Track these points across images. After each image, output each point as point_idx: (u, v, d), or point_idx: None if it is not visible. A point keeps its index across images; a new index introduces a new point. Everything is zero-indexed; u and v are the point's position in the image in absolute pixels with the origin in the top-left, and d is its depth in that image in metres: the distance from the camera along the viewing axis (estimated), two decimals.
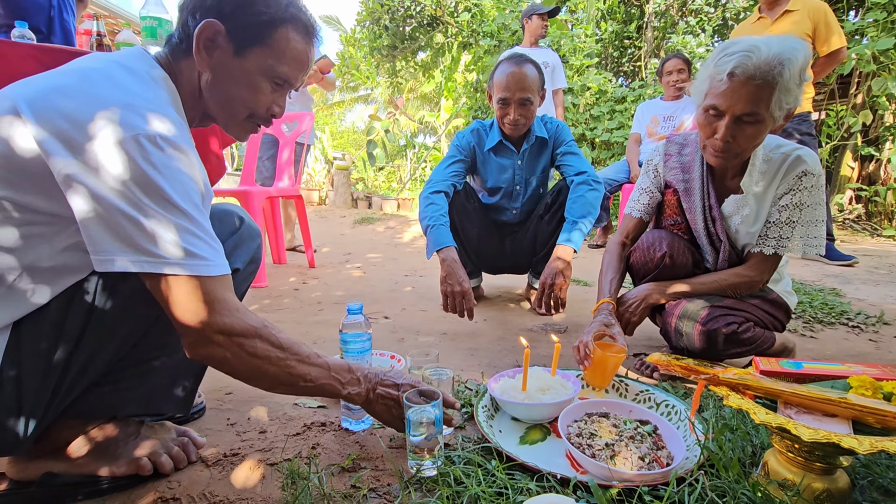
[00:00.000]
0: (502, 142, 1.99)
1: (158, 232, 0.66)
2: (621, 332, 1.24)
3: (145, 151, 0.65)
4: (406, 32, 9.06)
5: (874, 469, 0.82)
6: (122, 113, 0.66)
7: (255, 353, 0.75)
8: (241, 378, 0.78)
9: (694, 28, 6.29)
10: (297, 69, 0.88)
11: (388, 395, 0.90)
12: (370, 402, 0.90)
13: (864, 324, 1.97)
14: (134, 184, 0.65)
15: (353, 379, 0.89)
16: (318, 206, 7.83)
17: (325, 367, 0.85)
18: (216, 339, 0.72)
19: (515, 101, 1.84)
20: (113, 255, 0.65)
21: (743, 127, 1.17)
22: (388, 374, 0.94)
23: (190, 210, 0.69)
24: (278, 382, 0.80)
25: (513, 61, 1.84)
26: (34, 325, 0.71)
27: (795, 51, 1.10)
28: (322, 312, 2.06)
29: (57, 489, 0.80)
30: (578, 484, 0.80)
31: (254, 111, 0.88)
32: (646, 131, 3.65)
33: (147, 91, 0.74)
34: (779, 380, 0.84)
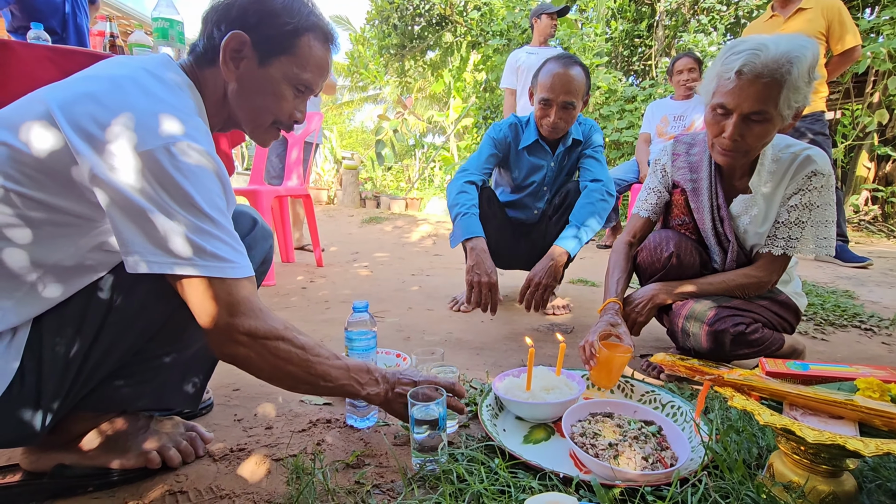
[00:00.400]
0: (538, 141, 1.94)
1: (186, 235, 0.68)
2: (627, 332, 1.24)
3: (174, 158, 0.67)
4: (415, 31, 9.07)
5: (882, 472, 0.81)
6: (151, 120, 0.69)
7: (278, 354, 0.77)
8: (263, 377, 0.79)
9: (706, 26, 6.22)
10: (318, 75, 0.91)
11: (406, 394, 0.92)
12: (388, 401, 0.92)
13: (876, 326, 1.94)
14: (163, 189, 0.67)
15: (371, 380, 0.90)
16: (326, 206, 7.87)
17: (344, 368, 0.86)
18: (241, 340, 0.73)
19: (558, 103, 1.78)
20: (144, 258, 0.67)
21: (751, 125, 1.16)
22: (405, 372, 0.95)
23: (215, 214, 0.71)
24: (300, 382, 0.81)
25: (560, 62, 1.77)
26: (55, 320, 0.73)
27: (804, 49, 1.09)
28: (329, 311, 2.08)
29: (69, 480, 0.82)
30: (581, 483, 0.80)
31: (278, 118, 0.91)
32: (656, 131, 3.62)
33: (175, 99, 0.76)
34: (785, 381, 0.84)
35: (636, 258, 1.49)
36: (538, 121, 1.89)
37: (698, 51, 5.75)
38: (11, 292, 0.70)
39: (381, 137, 8.86)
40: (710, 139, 1.26)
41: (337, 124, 13.63)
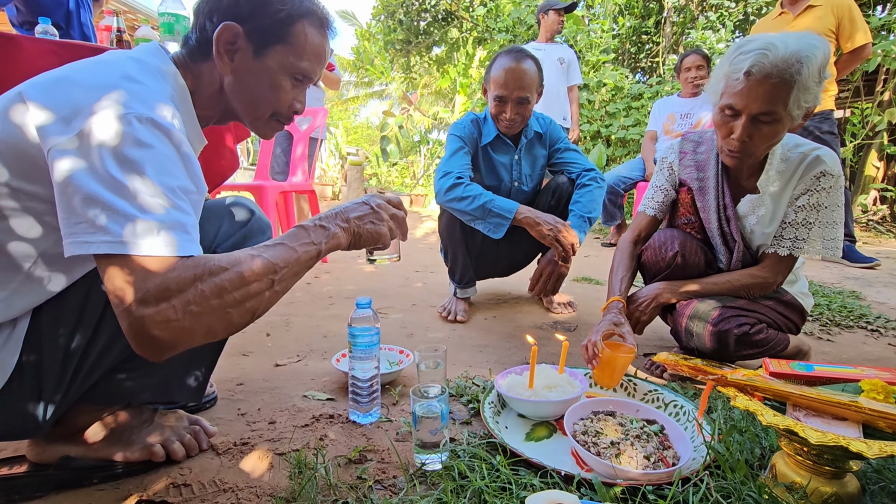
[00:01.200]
0: (500, 136, 1.89)
1: (115, 210, 0.60)
2: (631, 332, 1.23)
3: (132, 128, 0.64)
4: (421, 27, 9.05)
5: (885, 474, 0.81)
6: (116, 94, 0.66)
7: (203, 294, 0.63)
8: (217, 332, 0.66)
9: (714, 23, 6.17)
10: (316, 63, 0.88)
11: (364, 213, 0.86)
12: (353, 231, 0.84)
13: (883, 327, 1.92)
14: (109, 158, 0.62)
15: (315, 232, 0.78)
16: (331, 201, 7.89)
17: (285, 248, 0.73)
18: (152, 310, 0.59)
19: (513, 99, 1.75)
20: (68, 238, 0.61)
21: (760, 126, 1.14)
22: (347, 204, 0.87)
23: (161, 187, 0.64)
24: (256, 298, 0.68)
25: (511, 56, 1.74)
26: (53, 312, 0.73)
27: (814, 48, 1.08)
28: (333, 306, 2.08)
29: (74, 472, 0.83)
30: (582, 481, 0.81)
31: (277, 110, 0.88)
32: (662, 128, 3.60)
33: (151, 81, 0.74)
34: (789, 382, 0.83)
35: (641, 257, 1.48)
36: (494, 118, 1.84)
37: (706, 48, 5.70)
38: (6, 283, 0.70)
39: (387, 133, 8.86)
40: (718, 140, 1.25)
41: (342, 120, 13.63)
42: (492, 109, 1.83)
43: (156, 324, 0.59)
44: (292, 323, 1.85)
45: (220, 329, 0.66)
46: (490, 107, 1.84)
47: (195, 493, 0.82)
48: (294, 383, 1.28)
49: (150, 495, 0.80)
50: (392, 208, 0.91)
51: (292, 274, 0.74)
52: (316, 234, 0.78)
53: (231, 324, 0.67)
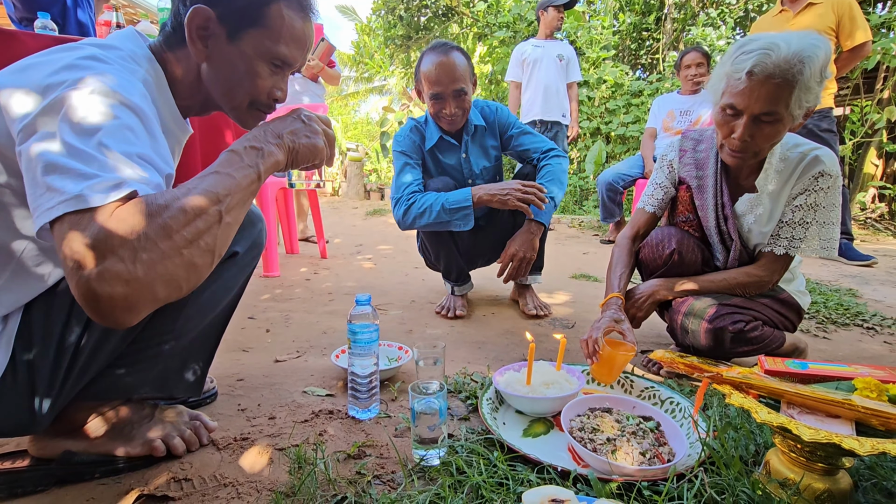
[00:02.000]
0: (443, 137, 1.85)
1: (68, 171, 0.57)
2: (631, 329, 1.24)
3: (95, 102, 0.62)
4: (421, 22, 9.02)
5: (878, 471, 0.82)
6: (82, 73, 0.65)
7: (149, 237, 0.57)
8: (180, 280, 0.61)
9: (714, 20, 6.16)
10: (295, 48, 0.83)
11: (296, 127, 0.80)
12: (288, 147, 0.78)
13: (879, 325, 1.94)
14: (68, 130, 0.59)
15: (249, 153, 0.73)
16: (330, 198, 7.89)
17: (215, 174, 0.68)
18: (94, 272, 0.54)
19: (449, 94, 1.70)
20: (34, 214, 0.58)
21: (761, 126, 1.15)
22: (272, 122, 0.80)
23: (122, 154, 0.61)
24: (204, 234, 0.63)
25: (438, 51, 1.69)
26: (44, 307, 0.73)
27: (816, 48, 1.08)
28: (333, 303, 2.09)
29: (76, 466, 0.84)
30: (579, 477, 0.81)
31: (255, 98, 0.84)
32: (661, 126, 3.60)
33: (120, 63, 0.72)
34: (783, 380, 0.84)
35: (638, 253, 1.49)
36: (435, 117, 1.80)
37: (707, 45, 5.69)
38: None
39: (386, 129, 8.84)
40: (718, 139, 1.25)
41: (342, 115, 13.59)
42: (431, 109, 1.79)
43: (106, 281, 0.54)
44: (292, 319, 1.86)
45: (181, 275, 0.60)
46: (428, 107, 1.79)
47: (196, 488, 0.83)
48: (294, 379, 1.28)
49: (152, 490, 0.81)
50: (322, 124, 0.84)
51: (238, 202, 0.68)
52: (250, 156, 0.72)
53: (192, 266, 0.61)
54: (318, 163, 0.83)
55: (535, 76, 3.84)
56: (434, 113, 1.79)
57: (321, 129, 0.83)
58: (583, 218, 5.21)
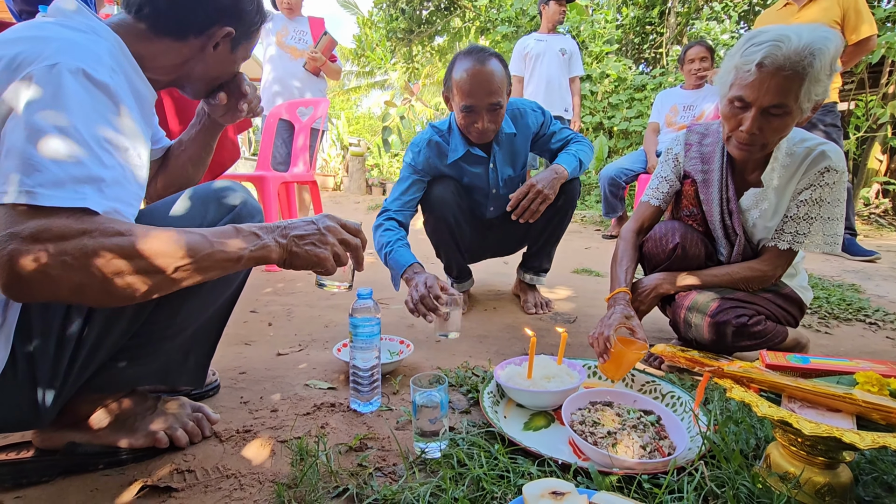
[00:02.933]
0: (470, 151, 1.71)
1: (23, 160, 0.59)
2: (641, 325, 1.22)
3: (62, 80, 0.63)
4: (423, 16, 8.98)
5: (878, 465, 0.82)
6: (47, 49, 0.66)
7: (84, 250, 0.59)
8: (86, 296, 0.62)
9: (718, 14, 6.11)
10: None
11: (308, 233, 0.79)
12: (287, 248, 0.77)
13: (881, 321, 1.93)
14: (33, 111, 0.61)
15: (245, 237, 0.73)
16: (332, 192, 7.89)
17: (199, 236, 0.68)
18: (23, 250, 0.57)
19: (484, 107, 1.55)
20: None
21: (770, 119, 1.14)
22: (291, 221, 0.81)
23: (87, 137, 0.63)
24: (146, 275, 0.63)
25: (474, 58, 1.52)
26: (43, 303, 0.73)
27: (827, 40, 1.07)
28: (334, 297, 2.09)
29: (80, 458, 0.85)
30: (579, 470, 0.82)
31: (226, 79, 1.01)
32: (664, 120, 3.58)
33: (83, 37, 0.73)
34: (785, 374, 0.84)
35: (642, 247, 1.49)
36: (464, 129, 1.64)
37: (710, 39, 5.66)
38: None
39: (388, 124, 8.83)
40: (726, 132, 1.25)
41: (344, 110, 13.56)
42: (460, 121, 1.62)
43: (24, 260, 0.57)
44: (294, 313, 1.86)
45: (91, 293, 0.62)
46: (457, 118, 1.63)
47: (199, 479, 0.83)
48: (296, 372, 1.29)
49: (155, 481, 0.82)
50: (344, 233, 0.85)
51: (200, 268, 0.68)
52: (245, 239, 0.73)
53: (106, 292, 0.62)
54: (320, 271, 0.83)
55: (538, 70, 3.82)
56: (464, 126, 1.63)
57: (333, 242, 0.82)
58: (585, 213, 5.20)
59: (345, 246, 0.83)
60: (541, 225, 1.82)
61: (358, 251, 0.86)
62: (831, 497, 0.72)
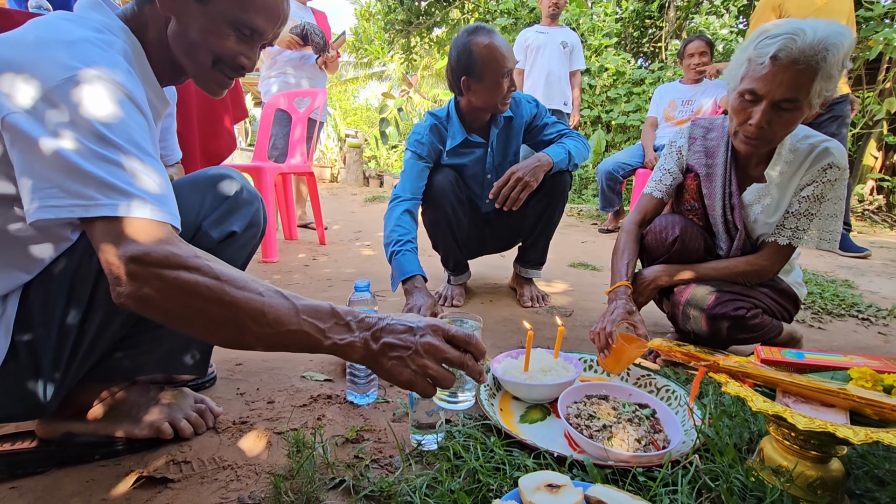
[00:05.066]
0: (468, 138, 1.78)
1: (79, 172, 0.60)
2: (643, 321, 1.23)
3: (78, 87, 0.63)
4: (421, 7, 8.90)
5: (870, 460, 0.83)
6: (56, 53, 0.64)
7: (180, 285, 0.60)
8: (173, 321, 0.63)
9: (718, 8, 6.09)
10: (266, 19, 0.82)
11: (402, 344, 0.66)
12: (374, 354, 0.66)
13: (874, 316, 1.95)
14: (63, 126, 0.61)
15: (337, 325, 0.67)
16: (329, 184, 7.86)
17: (290, 307, 0.65)
18: (131, 272, 0.59)
19: (510, 73, 1.65)
20: (34, 203, 0.60)
21: (780, 113, 1.14)
22: (399, 317, 0.70)
23: (125, 145, 0.64)
24: (220, 325, 0.63)
25: (486, 34, 1.62)
26: (43, 290, 0.73)
27: (842, 36, 1.06)
28: (332, 289, 2.09)
29: (75, 448, 0.85)
30: (574, 462, 0.82)
31: (219, 56, 0.82)
32: (663, 115, 3.58)
33: (93, 34, 0.71)
34: (779, 369, 0.85)
35: (643, 239, 1.49)
36: (498, 102, 1.68)
37: (710, 33, 5.63)
38: None
39: (386, 116, 8.78)
40: (733, 126, 1.24)
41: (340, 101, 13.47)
42: (495, 94, 1.66)
43: (137, 300, 0.60)
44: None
45: (171, 318, 0.63)
46: (490, 93, 1.66)
47: (195, 470, 0.83)
48: (292, 364, 1.29)
49: (151, 472, 0.82)
50: (448, 351, 0.68)
51: (275, 343, 0.65)
52: (335, 329, 0.67)
53: (183, 321, 0.63)
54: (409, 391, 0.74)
55: (538, 63, 3.80)
56: (500, 96, 1.66)
57: (426, 364, 0.66)
58: (582, 207, 5.20)
59: (449, 363, 0.68)
60: (532, 219, 1.85)
61: (467, 367, 0.69)
62: (823, 491, 0.73)
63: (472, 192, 1.92)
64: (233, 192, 0.91)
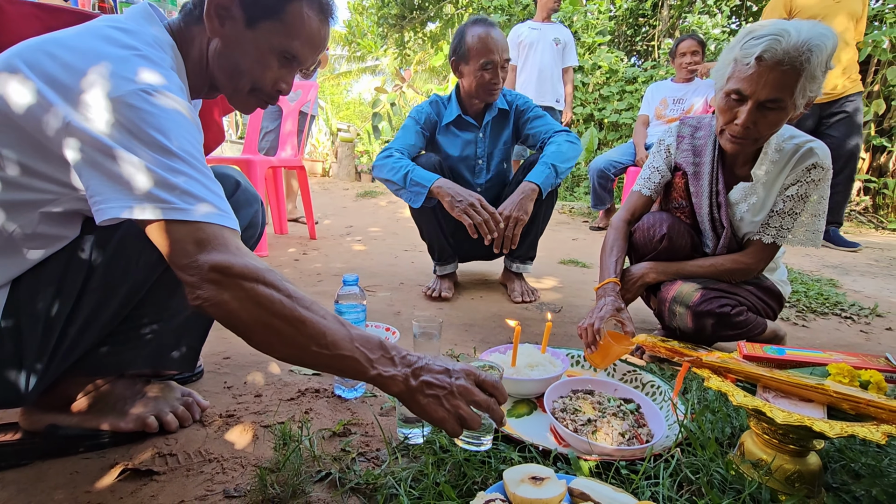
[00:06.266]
0: (461, 116, 1.91)
1: (155, 178, 0.63)
2: (630, 318, 1.25)
3: (147, 103, 0.65)
4: (415, 2, 8.85)
5: (847, 453, 0.85)
6: (124, 67, 0.66)
7: (258, 299, 0.64)
8: (241, 331, 0.66)
9: (711, 8, 6.12)
10: (308, 48, 0.86)
11: (438, 384, 0.69)
12: (412, 390, 0.69)
13: (856, 315, 1.98)
14: (135, 135, 0.64)
15: (384, 357, 0.70)
16: (321, 178, 7.81)
17: (346, 335, 0.69)
18: (212, 279, 0.63)
19: (500, 63, 1.77)
20: (108, 203, 0.63)
21: (765, 113, 1.15)
22: (435, 359, 0.75)
23: (191, 159, 0.67)
24: (286, 342, 0.66)
25: (485, 24, 1.77)
26: (33, 281, 0.73)
27: (825, 37, 1.08)
28: (321, 283, 2.09)
29: (59, 441, 0.84)
30: (559, 456, 0.83)
31: (258, 85, 0.86)
32: (654, 113, 3.60)
33: (148, 49, 0.73)
34: (761, 365, 0.86)
35: (631, 236, 1.50)
36: (480, 88, 1.82)
37: (702, 33, 5.67)
38: None
39: (378, 110, 8.73)
40: (719, 125, 1.26)
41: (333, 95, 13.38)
42: (479, 79, 1.80)
43: (214, 305, 0.64)
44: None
45: (237, 325, 0.66)
46: (474, 78, 1.80)
47: (181, 463, 0.83)
48: None
49: (136, 464, 0.82)
50: (477, 395, 0.71)
51: (327, 364, 0.68)
52: (381, 361, 0.70)
53: (246, 330, 0.66)
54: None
55: (531, 59, 3.80)
56: (483, 84, 1.80)
57: (459, 405, 0.69)
58: (573, 204, 5.23)
59: (476, 406, 0.72)
60: None
61: (492, 411, 0.73)
62: (800, 484, 0.75)
63: (463, 176, 1.98)
64: (233, 192, 0.92)
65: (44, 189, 0.70)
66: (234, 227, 0.69)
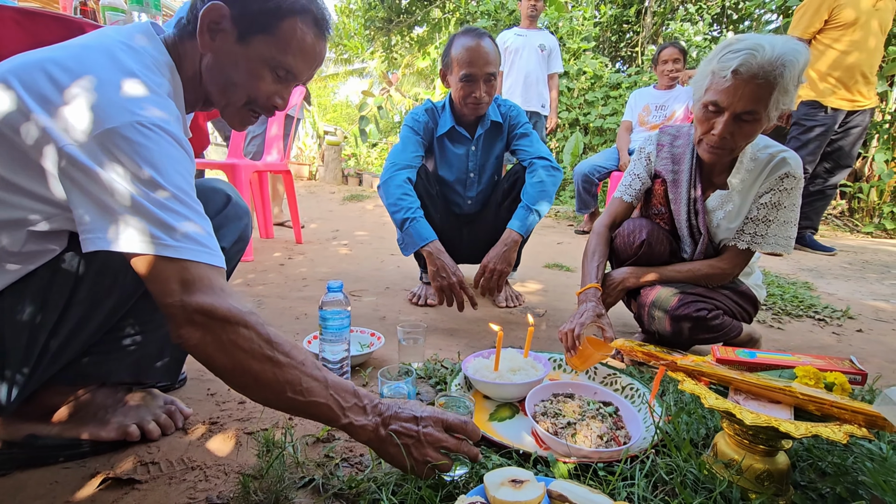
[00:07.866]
0: (455, 128, 1.88)
1: (145, 213, 0.64)
2: (611, 324, 1.28)
3: (138, 133, 0.65)
4: (402, 5, 8.88)
5: (814, 453, 0.88)
6: (116, 95, 0.66)
7: (239, 342, 0.66)
8: (219, 372, 0.68)
9: (692, 15, 6.25)
10: (303, 63, 0.85)
11: (406, 432, 0.73)
12: (381, 440, 0.73)
13: (829, 317, 2.04)
14: (123, 164, 0.63)
15: (357, 406, 0.73)
16: (307, 182, 7.77)
17: (322, 382, 0.71)
18: (196, 320, 0.65)
19: (482, 76, 1.72)
20: (95, 234, 0.63)
21: (741, 125, 1.20)
22: (404, 405, 0.77)
23: (179, 193, 0.67)
24: (262, 386, 0.68)
25: (472, 35, 1.72)
26: (19, 292, 0.72)
27: (797, 52, 1.13)
28: (307, 288, 2.09)
29: (39, 451, 0.83)
30: (539, 459, 0.85)
31: (252, 98, 0.85)
32: (637, 119, 3.66)
33: (149, 76, 0.73)
34: (733, 368, 0.89)
35: (613, 241, 1.53)
36: (462, 100, 1.78)
37: (684, 40, 5.78)
38: None
39: (365, 114, 8.72)
40: (697, 135, 1.30)
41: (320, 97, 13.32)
42: (459, 92, 1.77)
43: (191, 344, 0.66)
44: (265, 304, 1.85)
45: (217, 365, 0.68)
46: (456, 90, 1.78)
47: (163, 471, 0.83)
48: None
49: (117, 473, 0.81)
50: (446, 440, 0.75)
51: (302, 410, 0.71)
52: (354, 408, 0.73)
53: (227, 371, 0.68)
54: None
55: (517, 65, 3.85)
56: (462, 97, 1.77)
57: (427, 453, 0.73)
58: (558, 208, 5.28)
59: (447, 450, 0.75)
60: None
61: (462, 452, 0.76)
62: (769, 482, 0.78)
63: (454, 190, 1.98)
64: (224, 207, 0.92)
65: (31, 208, 0.69)
66: (220, 265, 0.69)
